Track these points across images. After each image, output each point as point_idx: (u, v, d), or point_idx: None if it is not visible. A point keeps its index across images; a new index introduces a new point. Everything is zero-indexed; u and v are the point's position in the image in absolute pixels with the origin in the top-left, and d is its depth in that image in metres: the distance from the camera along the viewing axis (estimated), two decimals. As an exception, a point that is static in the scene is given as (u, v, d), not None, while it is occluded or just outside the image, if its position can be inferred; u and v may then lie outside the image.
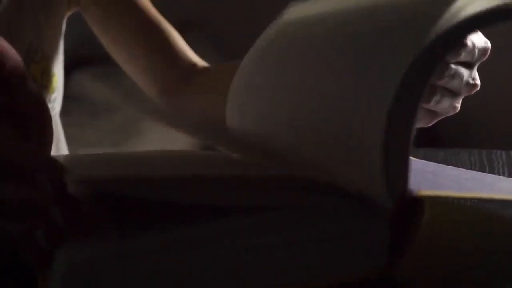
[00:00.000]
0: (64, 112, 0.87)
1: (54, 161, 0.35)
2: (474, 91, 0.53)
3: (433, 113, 0.54)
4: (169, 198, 0.33)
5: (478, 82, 0.53)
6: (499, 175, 0.72)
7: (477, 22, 0.35)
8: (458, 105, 0.54)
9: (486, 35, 0.52)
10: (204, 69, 0.82)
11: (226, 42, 1.82)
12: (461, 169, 0.50)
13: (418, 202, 0.37)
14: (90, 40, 0.88)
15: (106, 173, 0.34)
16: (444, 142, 1.74)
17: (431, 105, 0.53)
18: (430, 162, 0.53)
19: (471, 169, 0.73)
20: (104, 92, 1.56)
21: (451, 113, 0.55)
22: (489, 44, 0.51)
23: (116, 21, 0.81)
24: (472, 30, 0.36)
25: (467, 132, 1.80)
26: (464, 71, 0.51)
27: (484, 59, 0.52)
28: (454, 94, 0.53)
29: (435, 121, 0.55)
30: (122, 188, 0.33)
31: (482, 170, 0.73)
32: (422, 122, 0.55)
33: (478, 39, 0.50)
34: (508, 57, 1.65)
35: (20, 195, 0.34)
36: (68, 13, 0.83)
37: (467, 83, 0.52)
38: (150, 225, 0.33)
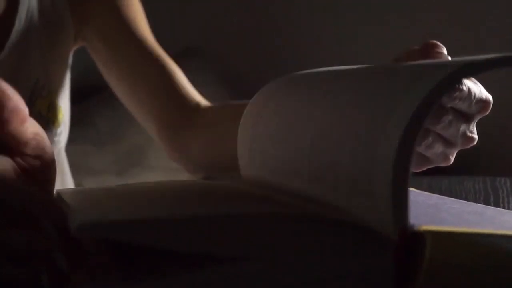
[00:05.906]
0: (69, 141, 0.88)
1: (58, 206, 0.36)
2: (470, 145, 0.52)
3: (424, 158, 0.53)
4: (173, 246, 0.33)
5: (475, 136, 0.52)
6: (504, 203, 0.72)
7: (472, 67, 0.35)
8: (452, 158, 0.53)
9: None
10: (207, 108, 0.82)
11: (226, 69, 1.83)
12: (463, 202, 0.50)
13: (419, 237, 0.37)
14: (95, 70, 0.89)
15: (109, 217, 0.34)
16: (448, 170, 1.73)
17: (422, 149, 0.52)
18: (432, 195, 0.52)
19: (475, 197, 0.73)
20: (108, 120, 1.57)
21: (443, 164, 0.54)
22: (490, 98, 0.50)
23: (121, 58, 0.82)
24: (466, 74, 0.36)
25: (471, 159, 1.79)
26: (462, 122, 0.50)
27: (485, 114, 0.51)
28: (448, 143, 0.52)
29: (424, 168, 0.54)
30: (125, 235, 0.33)
31: (487, 198, 0.73)
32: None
33: (477, 89, 0.49)
34: (510, 85, 1.66)
35: (25, 240, 0.35)
36: (74, 48, 0.84)
37: (464, 134, 0.51)
38: (153, 270, 0.33)
